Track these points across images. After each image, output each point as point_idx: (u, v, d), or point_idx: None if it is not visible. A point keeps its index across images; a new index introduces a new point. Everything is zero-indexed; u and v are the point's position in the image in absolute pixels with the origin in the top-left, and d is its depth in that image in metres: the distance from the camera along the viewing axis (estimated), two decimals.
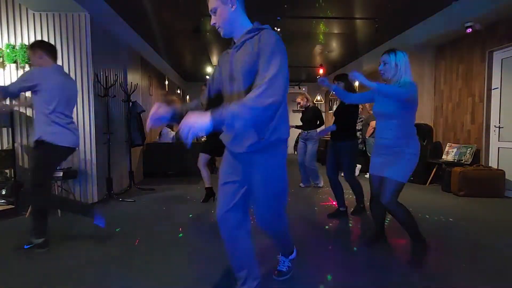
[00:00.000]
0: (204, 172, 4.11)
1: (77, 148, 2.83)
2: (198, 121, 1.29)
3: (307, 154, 4.99)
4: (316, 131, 5.01)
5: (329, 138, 3.90)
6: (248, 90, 1.45)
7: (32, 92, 2.50)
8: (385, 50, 2.36)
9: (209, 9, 1.53)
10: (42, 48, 2.57)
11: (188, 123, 1.28)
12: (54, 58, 2.65)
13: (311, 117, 5.04)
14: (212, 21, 1.54)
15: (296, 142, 8.56)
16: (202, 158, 4.04)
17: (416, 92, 2.22)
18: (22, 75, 2.50)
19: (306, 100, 5.19)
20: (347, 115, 3.44)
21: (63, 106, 2.56)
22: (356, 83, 8.38)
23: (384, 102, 2.33)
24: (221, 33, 1.56)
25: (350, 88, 3.40)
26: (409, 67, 2.30)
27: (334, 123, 3.53)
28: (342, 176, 3.79)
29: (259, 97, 1.33)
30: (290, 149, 10.40)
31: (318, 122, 5.08)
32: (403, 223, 2.31)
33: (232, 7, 1.50)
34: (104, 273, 2.16)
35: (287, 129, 1.60)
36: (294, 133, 8.08)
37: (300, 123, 5.24)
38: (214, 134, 1.52)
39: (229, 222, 1.63)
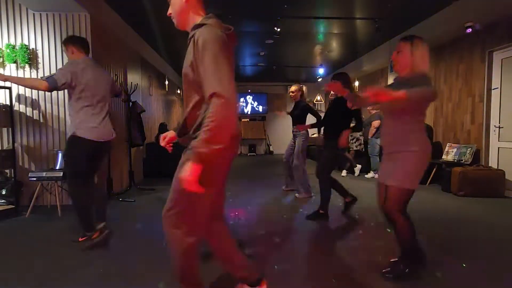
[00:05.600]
0: None
1: None
2: (186, 176, 1.26)
3: (296, 148, 4.52)
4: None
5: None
6: (186, 96, 1.40)
7: None
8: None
9: None
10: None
11: (182, 182, 1.27)
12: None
13: (300, 113, 4.59)
14: (169, 11, 1.48)
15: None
16: None
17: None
18: None
19: (300, 94, 4.59)
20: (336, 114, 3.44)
21: None
22: (356, 83, 8.44)
23: None
24: (175, 24, 1.49)
25: (348, 87, 3.39)
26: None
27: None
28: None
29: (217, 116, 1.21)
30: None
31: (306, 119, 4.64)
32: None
33: None
34: (104, 273, 2.16)
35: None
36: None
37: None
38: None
39: None
